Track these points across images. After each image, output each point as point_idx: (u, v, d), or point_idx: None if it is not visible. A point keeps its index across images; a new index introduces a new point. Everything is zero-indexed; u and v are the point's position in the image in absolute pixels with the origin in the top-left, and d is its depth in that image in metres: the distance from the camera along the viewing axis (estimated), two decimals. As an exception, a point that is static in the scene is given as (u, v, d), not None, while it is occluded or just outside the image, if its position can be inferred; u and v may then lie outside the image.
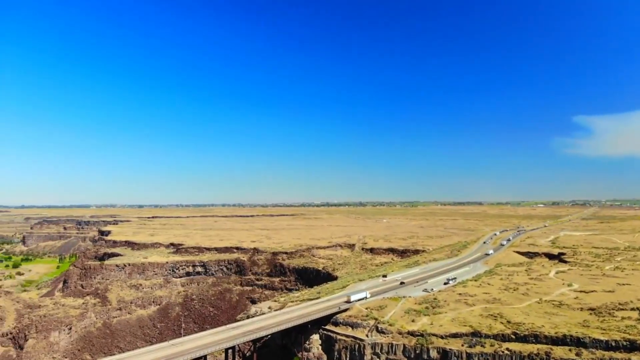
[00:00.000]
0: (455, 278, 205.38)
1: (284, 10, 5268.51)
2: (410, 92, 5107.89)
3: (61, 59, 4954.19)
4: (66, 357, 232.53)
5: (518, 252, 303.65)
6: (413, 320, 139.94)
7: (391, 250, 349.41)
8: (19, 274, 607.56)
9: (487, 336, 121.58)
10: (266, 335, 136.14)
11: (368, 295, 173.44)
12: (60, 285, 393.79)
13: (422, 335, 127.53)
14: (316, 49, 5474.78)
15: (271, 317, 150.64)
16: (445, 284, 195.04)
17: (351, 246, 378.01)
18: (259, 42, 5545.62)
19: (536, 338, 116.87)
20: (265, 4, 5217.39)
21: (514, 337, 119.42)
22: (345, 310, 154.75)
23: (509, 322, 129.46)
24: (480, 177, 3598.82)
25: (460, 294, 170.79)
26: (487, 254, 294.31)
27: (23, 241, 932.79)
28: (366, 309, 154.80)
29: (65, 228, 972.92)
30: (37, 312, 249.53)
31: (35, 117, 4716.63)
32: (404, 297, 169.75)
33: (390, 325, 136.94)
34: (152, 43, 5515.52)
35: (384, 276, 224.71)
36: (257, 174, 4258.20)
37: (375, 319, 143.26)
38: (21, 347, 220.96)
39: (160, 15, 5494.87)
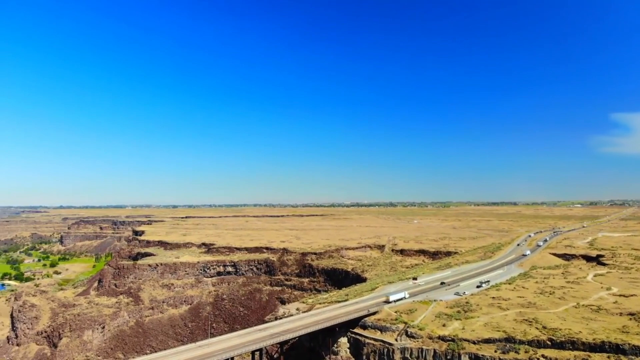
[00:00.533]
0: (488, 281, 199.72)
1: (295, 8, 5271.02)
2: (442, 90, 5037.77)
3: (88, 62, 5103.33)
4: (99, 356, 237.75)
5: (554, 254, 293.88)
6: (444, 325, 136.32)
7: (422, 252, 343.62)
8: (56, 272, 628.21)
9: (521, 342, 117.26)
10: (293, 338, 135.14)
11: (407, 296, 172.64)
12: (95, 284, 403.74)
13: (453, 340, 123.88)
14: (344, 47, 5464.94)
15: (299, 319, 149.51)
16: (477, 287, 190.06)
17: (381, 247, 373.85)
18: (277, 42, 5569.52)
19: (573, 344, 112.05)
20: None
21: (549, 343, 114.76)
22: (374, 313, 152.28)
23: (544, 327, 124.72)
24: (514, 177, 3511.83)
25: (493, 297, 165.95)
26: (524, 255, 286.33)
27: (61, 241, 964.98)
28: (395, 312, 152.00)
29: (101, 228, 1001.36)
30: (71, 311, 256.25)
31: (74, 122, 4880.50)
32: (434, 300, 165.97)
33: (421, 329, 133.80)
34: (169, 43, 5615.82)
35: (414, 279, 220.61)
36: (287, 175, 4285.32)
37: (405, 323, 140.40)
38: (55, 346, 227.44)
39: (176, 16, 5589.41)
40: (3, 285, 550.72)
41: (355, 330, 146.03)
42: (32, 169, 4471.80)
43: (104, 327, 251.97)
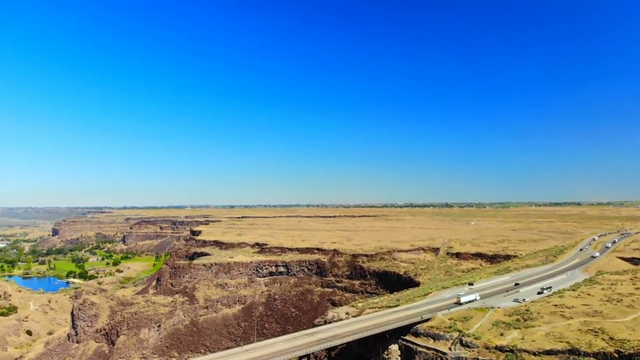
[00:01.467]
0: (550, 287, 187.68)
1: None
2: (502, 88, 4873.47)
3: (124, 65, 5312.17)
4: (155, 354, 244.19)
5: (622, 258, 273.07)
6: (502, 334, 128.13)
7: (479, 255, 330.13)
8: (118, 271, 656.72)
9: (586, 354, 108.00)
10: (342, 344, 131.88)
11: (478, 297, 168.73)
12: (154, 283, 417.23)
13: (511, 351, 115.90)
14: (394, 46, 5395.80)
15: (348, 324, 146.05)
16: (538, 293, 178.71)
17: (435, 250, 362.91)
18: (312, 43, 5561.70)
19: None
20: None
21: (617, 355, 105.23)
22: (427, 320, 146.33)
23: (611, 338, 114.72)
24: (578, 176, 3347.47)
25: (555, 305, 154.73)
26: (590, 259, 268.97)
27: (123, 240, 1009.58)
28: (449, 319, 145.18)
29: (161, 228, 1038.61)
30: (129, 310, 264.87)
31: (138, 128, 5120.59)
32: (492, 307, 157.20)
33: (476, 338, 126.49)
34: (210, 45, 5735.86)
35: (470, 284, 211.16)
36: (340, 175, 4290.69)
37: (459, 331, 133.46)
38: (113, 343, 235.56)
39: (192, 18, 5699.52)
40: (68, 283, 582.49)
41: (407, 337, 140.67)
42: (99, 171, 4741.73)
43: (160, 326, 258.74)
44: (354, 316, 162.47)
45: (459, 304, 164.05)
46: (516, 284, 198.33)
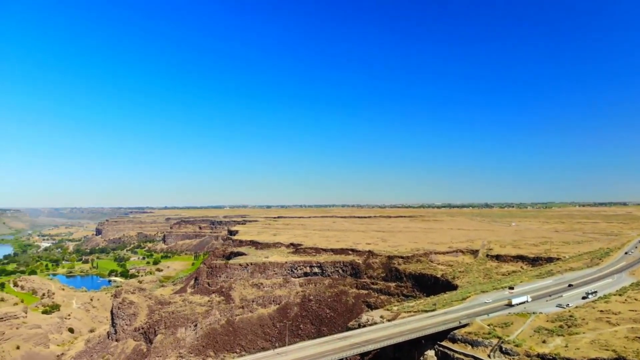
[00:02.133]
0: (595, 292, 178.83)
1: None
2: (544, 85, 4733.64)
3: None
4: (191, 353, 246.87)
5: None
6: (544, 341, 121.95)
7: (520, 258, 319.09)
8: (158, 270, 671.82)
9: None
10: (375, 349, 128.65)
11: (529, 299, 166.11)
12: (192, 282, 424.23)
13: (554, 359, 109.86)
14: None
15: (382, 328, 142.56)
16: (583, 298, 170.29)
17: (474, 252, 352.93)
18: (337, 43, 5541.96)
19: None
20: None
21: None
22: (465, 325, 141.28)
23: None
24: (624, 175, 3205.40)
25: (601, 310, 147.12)
26: (638, 261, 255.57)
27: (163, 239, 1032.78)
28: (488, 325, 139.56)
29: (200, 227, 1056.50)
30: (166, 309, 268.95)
31: (180, 130, 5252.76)
32: (533, 313, 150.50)
33: (517, 345, 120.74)
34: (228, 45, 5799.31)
35: (511, 288, 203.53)
36: (376, 175, 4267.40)
37: (499, 338, 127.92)
38: (151, 342, 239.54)
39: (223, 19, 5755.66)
40: (110, 281, 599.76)
41: (444, 343, 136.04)
42: (141, 173, 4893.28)
43: (196, 325, 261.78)
44: (389, 320, 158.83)
45: (510, 305, 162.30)
46: (569, 285, 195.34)
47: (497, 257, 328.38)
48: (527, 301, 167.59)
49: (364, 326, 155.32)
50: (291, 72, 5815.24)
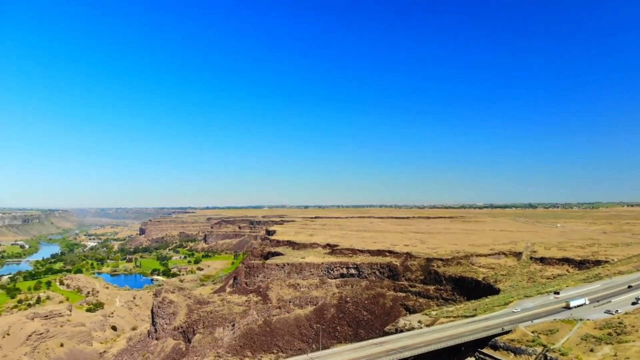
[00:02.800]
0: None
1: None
2: (597, 81, 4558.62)
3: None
4: (229, 353, 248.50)
5: None
6: (591, 350, 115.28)
7: (566, 261, 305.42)
8: (199, 269, 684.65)
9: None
10: (412, 356, 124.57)
11: (587, 302, 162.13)
12: (231, 282, 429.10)
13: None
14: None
15: (419, 334, 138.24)
16: (633, 304, 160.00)
17: (517, 254, 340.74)
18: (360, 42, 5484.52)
19: None
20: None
21: None
22: (507, 332, 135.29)
23: None
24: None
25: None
26: None
27: (204, 239, 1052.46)
28: (532, 332, 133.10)
29: (240, 227, 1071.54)
30: (205, 308, 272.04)
31: (218, 133, 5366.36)
32: (580, 319, 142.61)
33: (563, 354, 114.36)
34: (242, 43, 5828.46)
35: (556, 293, 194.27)
36: (415, 174, 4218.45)
37: (544, 346, 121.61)
38: (189, 341, 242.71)
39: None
40: (152, 280, 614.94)
41: (484, 350, 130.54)
42: (184, 173, 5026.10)
43: (234, 325, 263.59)
44: (427, 325, 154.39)
45: (568, 308, 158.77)
46: (629, 287, 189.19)
47: (542, 260, 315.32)
48: (585, 304, 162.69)
49: (401, 331, 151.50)
50: (328, 72, 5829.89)
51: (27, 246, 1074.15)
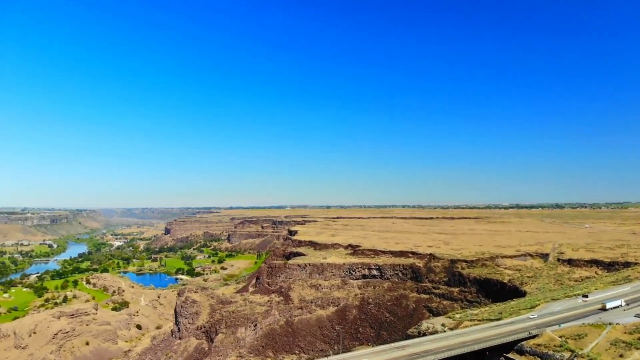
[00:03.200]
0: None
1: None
2: (621, 78, 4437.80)
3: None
4: (251, 353, 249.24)
5: None
6: (621, 355, 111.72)
7: (594, 262, 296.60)
8: (223, 268, 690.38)
9: None
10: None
11: (623, 304, 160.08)
12: (254, 281, 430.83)
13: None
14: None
15: (442, 338, 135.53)
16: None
17: (544, 256, 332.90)
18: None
19: None
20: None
21: None
22: (534, 336, 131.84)
23: None
24: None
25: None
26: None
27: (228, 239, 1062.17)
28: (560, 337, 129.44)
29: (262, 227, 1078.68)
30: (227, 308, 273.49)
31: (247, 135, 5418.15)
32: (609, 324, 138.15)
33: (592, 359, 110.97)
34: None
35: (585, 296, 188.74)
36: (439, 174, 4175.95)
37: (572, 351, 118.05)
38: (212, 341, 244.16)
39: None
40: (176, 279, 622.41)
41: (510, 355, 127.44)
42: (209, 174, 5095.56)
43: (256, 325, 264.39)
44: (451, 329, 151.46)
45: (604, 309, 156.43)
46: None
47: (569, 262, 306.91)
48: (621, 305, 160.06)
49: (424, 334, 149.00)
50: (352, 72, 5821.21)
51: (55, 246, 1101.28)
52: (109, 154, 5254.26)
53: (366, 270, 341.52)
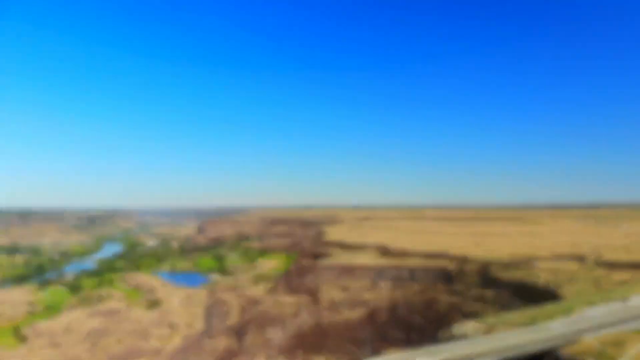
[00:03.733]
0: None
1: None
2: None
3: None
4: (280, 354, 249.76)
5: None
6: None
7: (634, 265, 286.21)
8: (253, 268, 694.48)
9: None
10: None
11: None
12: (283, 282, 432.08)
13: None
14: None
15: (472, 344, 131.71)
16: None
17: (581, 258, 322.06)
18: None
19: None
20: None
21: None
22: (571, 343, 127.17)
23: None
24: None
25: None
26: None
27: (258, 238, 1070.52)
28: (598, 344, 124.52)
29: (292, 227, 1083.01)
30: (257, 308, 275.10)
31: (269, 135, 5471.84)
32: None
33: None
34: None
35: (625, 300, 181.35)
36: (471, 173, 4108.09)
37: (611, 359, 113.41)
38: (241, 340, 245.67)
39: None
40: (208, 279, 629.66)
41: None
42: (241, 174, 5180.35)
43: (285, 326, 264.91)
44: (483, 333, 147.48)
45: None
46: None
47: (608, 264, 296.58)
48: None
49: (455, 338, 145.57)
50: (382, 70, 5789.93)
51: (91, 245, 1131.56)
52: (146, 155, 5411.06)
53: (396, 272, 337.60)
